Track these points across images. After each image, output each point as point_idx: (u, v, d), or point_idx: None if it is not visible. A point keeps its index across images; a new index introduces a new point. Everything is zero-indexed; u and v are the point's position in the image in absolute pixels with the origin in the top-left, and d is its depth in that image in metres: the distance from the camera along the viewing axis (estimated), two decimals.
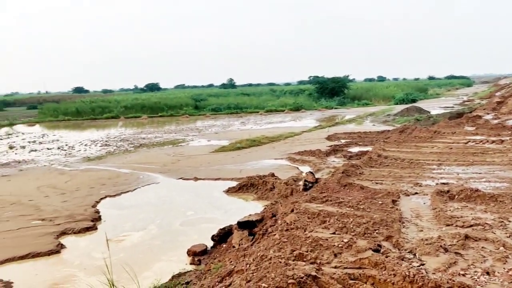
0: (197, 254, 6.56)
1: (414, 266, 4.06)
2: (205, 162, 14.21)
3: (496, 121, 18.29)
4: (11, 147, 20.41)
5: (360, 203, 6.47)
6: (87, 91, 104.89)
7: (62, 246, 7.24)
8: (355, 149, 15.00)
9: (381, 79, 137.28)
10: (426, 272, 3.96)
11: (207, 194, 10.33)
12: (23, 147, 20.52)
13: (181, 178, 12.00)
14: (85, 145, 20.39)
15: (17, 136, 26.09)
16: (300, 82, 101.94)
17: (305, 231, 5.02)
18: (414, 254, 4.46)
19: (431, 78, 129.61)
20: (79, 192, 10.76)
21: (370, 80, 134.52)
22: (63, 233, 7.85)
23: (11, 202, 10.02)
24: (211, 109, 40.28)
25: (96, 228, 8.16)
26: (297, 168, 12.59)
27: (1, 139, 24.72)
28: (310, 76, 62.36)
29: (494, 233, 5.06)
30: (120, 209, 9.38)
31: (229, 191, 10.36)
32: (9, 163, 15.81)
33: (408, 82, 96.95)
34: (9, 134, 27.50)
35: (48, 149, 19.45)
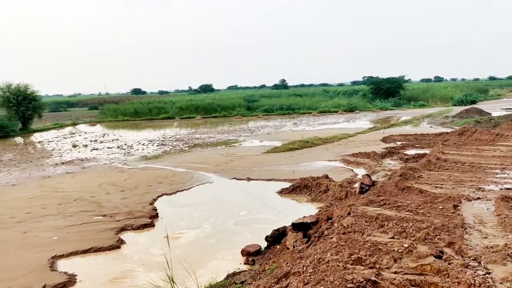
0: (251, 254, 6.59)
1: (480, 275, 3.87)
2: (257, 162, 14.28)
3: None
4: (74, 146, 21.47)
5: (420, 207, 6.26)
6: (144, 92, 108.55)
7: (122, 242, 7.50)
8: (411, 152, 14.57)
9: (438, 79, 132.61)
10: (493, 281, 3.77)
11: (260, 194, 10.37)
12: (86, 145, 21.52)
13: (234, 178, 12.12)
14: (143, 144, 21.08)
15: (80, 135, 27.42)
16: (354, 83, 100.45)
17: (363, 235, 4.92)
18: (479, 262, 4.25)
19: (492, 78, 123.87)
20: (138, 189, 11.12)
21: (427, 80, 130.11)
22: (123, 229, 8.15)
23: (74, 198, 10.52)
24: (263, 110, 40.51)
25: (154, 225, 8.40)
26: (352, 170, 12.38)
27: (65, 138, 26.07)
28: (364, 77, 61.52)
29: None
30: (176, 207, 9.60)
31: (282, 192, 10.35)
32: (73, 160, 16.62)
33: (467, 82, 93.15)
34: (72, 133, 28.95)
35: (108, 148, 20.29)
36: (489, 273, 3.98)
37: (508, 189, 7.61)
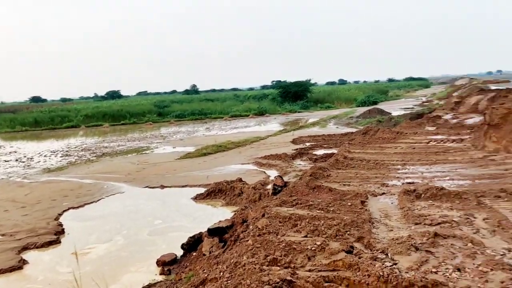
0: (167, 264, 6.41)
1: (387, 266, 4.09)
2: (171, 169, 13.99)
3: (455, 121, 18.90)
4: None
5: (330, 205, 6.50)
6: (44, 100, 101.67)
7: (24, 262, 6.92)
8: (320, 152, 15.12)
9: (342, 82, 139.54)
10: (399, 271, 3.99)
11: (175, 201, 10.15)
12: None
13: (147, 187, 11.76)
14: (45, 156, 19.71)
15: None
16: (263, 87, 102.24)
17: (277, 236, 4.98)
18: (386, 254, 4.50)
19: (390, 80, 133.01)
20: (40, 204, 10.35)
21: (332, 83, 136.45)
22: (25, 248, 7.51)
23: None
24: (175, 115, 39.89)
25: (60, 242, 7.85)
26: (264, 172, 12.57)
27: None
28: (273, 81, 62.92)
29: (462, 230, 5.18)
30: (84, 221, 9.07)
31: (197, 198, 10.22)
32: None
33: (368, 84, 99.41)
34: None
35: (5, 161, 18.68)
36: (395, 264, 4.21)
37: (409, 183, 8.16)
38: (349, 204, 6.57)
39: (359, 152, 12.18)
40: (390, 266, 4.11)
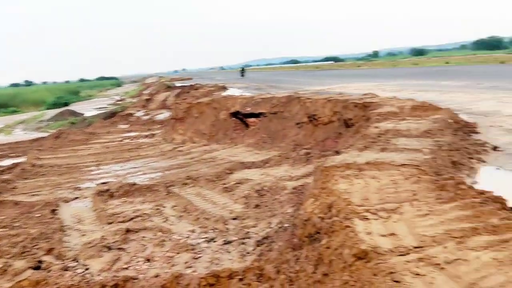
0: None
1: (79, 273, 3.95)
2: None
3: (146, 117, 19.95)
4: None
5: (15, 220, 5.86)
6: None
7: None
8: (7, 162, 13.45)
9: (29, 83, 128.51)
10: (92, 276, 3.91)
11: None
12: None
13: None
14: None
15: None
16: None
17: None
18: (78, 261, 4.33)
19: (82, 80, 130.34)
20: None
21: (16, 85, 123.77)
22: None
23: None
24: None
25: None
26: None
27: None
28: None
29: (152, 221, 5.48)
30: None
31: None
32: None
33: (58, 85, 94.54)
34: None
35: None
36: (87, 269, 4.11)
37: (103, 183, 8.12)
38: (38, 215, 6.07)
39: (50, 158, 11.41)
40: (82, 272, 3.98)
